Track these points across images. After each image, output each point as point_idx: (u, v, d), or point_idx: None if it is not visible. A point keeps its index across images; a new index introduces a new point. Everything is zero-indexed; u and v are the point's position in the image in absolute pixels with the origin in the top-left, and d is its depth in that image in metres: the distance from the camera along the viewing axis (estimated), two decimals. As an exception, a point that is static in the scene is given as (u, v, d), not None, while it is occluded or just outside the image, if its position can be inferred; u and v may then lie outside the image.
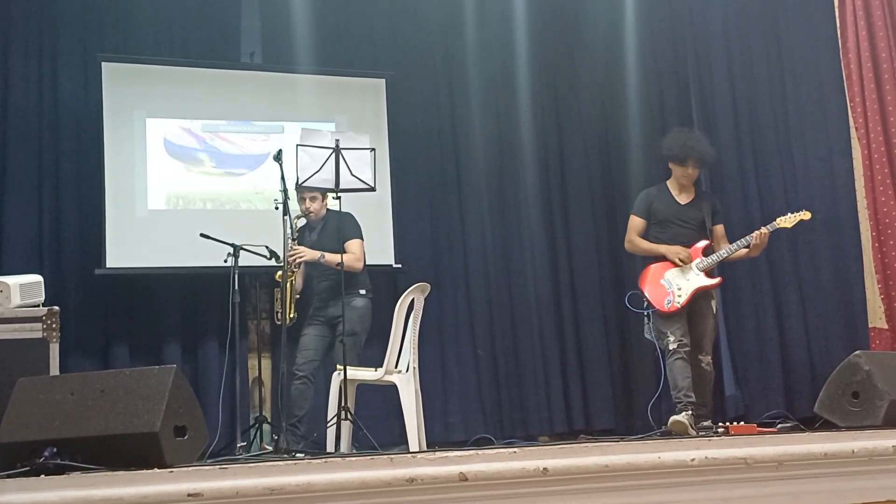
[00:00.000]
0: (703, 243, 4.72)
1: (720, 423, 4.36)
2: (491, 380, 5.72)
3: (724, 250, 4.68)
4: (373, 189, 4.41)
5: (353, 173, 4.29)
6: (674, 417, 4.37)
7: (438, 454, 2.20)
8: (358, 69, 5.81)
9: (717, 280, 4.71)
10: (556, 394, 5.76)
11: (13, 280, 3.77)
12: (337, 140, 4.30)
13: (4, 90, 5.15)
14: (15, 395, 2.46)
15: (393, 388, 4.41)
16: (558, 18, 6.15)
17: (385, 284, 5.58)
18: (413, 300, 4.49)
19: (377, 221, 5.47)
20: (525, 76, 6.02)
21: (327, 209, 4.71)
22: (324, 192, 4.61)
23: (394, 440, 4.98)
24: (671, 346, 4.53)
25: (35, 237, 5.09)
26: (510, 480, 2.20)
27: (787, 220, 4.73)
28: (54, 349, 3.61)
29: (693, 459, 2.33)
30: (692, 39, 6.18)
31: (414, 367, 4.44)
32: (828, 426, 3.06)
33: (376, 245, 5.27)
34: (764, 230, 4.64)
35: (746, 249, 4.67)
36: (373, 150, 4.38)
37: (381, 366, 4.40)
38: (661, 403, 5.00)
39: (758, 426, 4.06)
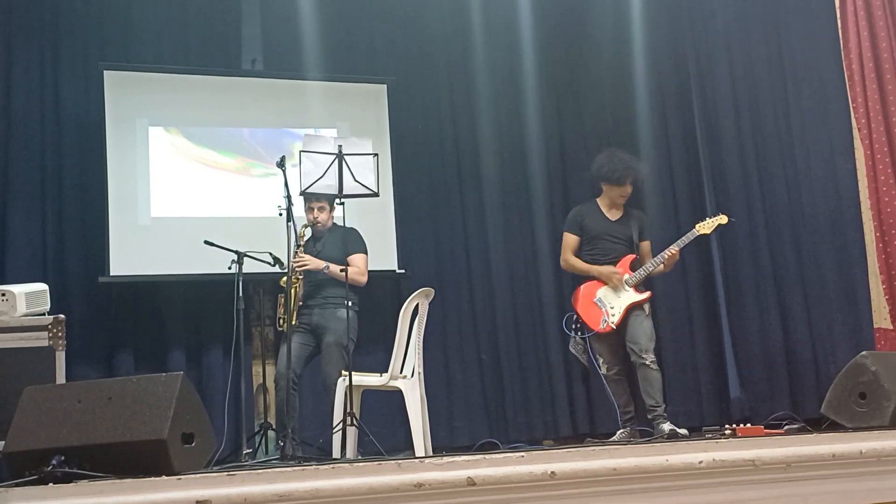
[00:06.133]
0: (629, 258, 4.74)
1: (727, 426, 4.35)
2: (495, 384, 5.71)
3: (650, 264, 4.70)
4: (376, 194, 4.41)
5: (357, 179, 4.30)
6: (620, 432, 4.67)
7: (446, 459, 2.19)
8: (359, 75, 5.82)
9: (646, 295, 4.69)
10: (560, 398, 5.76)
11: (19, 289, 3.77)
12: (340, 146, 4.31)
13: (7, 99, 5.16)
14: (22, 403, 2.46)
15: (398, 394, 4.41)
16: (560, 24, 6.15)
17: (389, 290, 5.59)
18: (417, 305, 4.49)
19: (380, 227, 5.47)
20: (527, 81, 6.02)
21: (334, 223, 4.73)
22: (331, 201, 4.63)
23: (399, 446, 4.97)
24: (602, 371, 4.71)
25: (39, 246, 5.09)
26: (518, 484, 2.20)
27: (706, 226, 4.73)
28: (60, 357, 3.62)
29: (701, 462, 2.32)
30: (693, 42, 6.20)
31: (419, 373, 4.44)
32: (835, 427, 3.05)
33: (379, 250, 5.27)
34: (674, 249, 4.66)
35: (662, 265, 4.71)
36: (376, 155, 4.39)
37: (386, 371, 4.40)
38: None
39: (765, 428, 4.04)
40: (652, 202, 5.77)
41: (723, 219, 4.77)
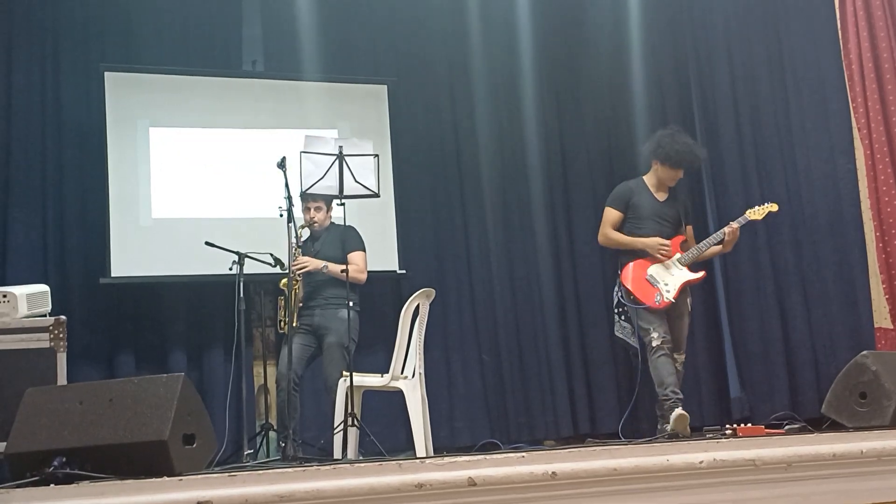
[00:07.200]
0: (679, 238, 4.64)
1: (727, 426, 4.35)
2: (496, 385, 5.72)
3: (703, 244, 4.60)
4: (377, 195, 4.42)
5: (357, 180, 4.31)
6: (676, 412, 4.27)
7: (447, 459, 2.20)
8: (359, 76, 5.82)
9: (702, 274, 4.63)
10: (561, 398, 5.76)
11: (20, 290, 3.78)
12: (340, 147, 4.32)
13: (7, 100, 5.17)
14: (23, 404, 2.46)
15: (398, 394, 4.41)
16: (560, 24, 6.16)
17: (389, 290, 5.59)
18: (418, 306, 4.49)
19: (381, 227, 5.48)
20: (527, 81, 6.03)
21: (331, 221, 4.74)
22: (328, 201, 4.64)
23: (400, 446, 4.98)
24: (654, 343, 4.42)
25: (39, 247, 5.10)
26: (519, 485, 2.20)
27: (756, 213, 4.66)
28: (62, 359, 3.62)
29: (702, 462, 2.32)
30: (693, 42, 6.20)
31: (420, 373, 4.44)
32: (835, 427, 3.06)
33: (380, 251, 5.28)
34: (734, 225, 4.58)
35: (719, 246, 4.62)
36: (376, 156, 4.40)
37: (387, 372, 4.40)
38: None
39: (765, 428, 4.05)
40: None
41: (773, 206, 4.69)
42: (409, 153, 5.81)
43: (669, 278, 4.53)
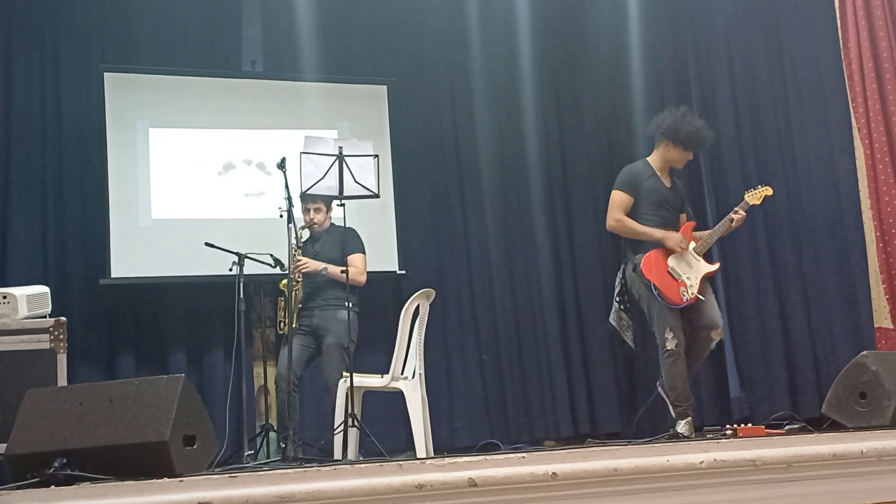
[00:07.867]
0: (689, 224, 4.50)
1: (727, 426, 4.35)
2: (496, 385, 5.72)
3: (714, 232, 4.48)
4: (377, 196, 4.42)
5: (357, 180, 4.31)
6: (684, 422, 4.24)
7: (447, 460, 2.20)
8: (359, 76, 5.82)
9: (717, 265, 4.58)
10: (561, 398, 5.76)
11: (20, 291, 3.78)
12: (340, 147, 4.32)
13: (7, 100, 5.17)
14: (24, 406, 2.46)
15: (399, 395, 4.41)
16: (559, 24, 6.16)
17: (389, 291, 5.59)
18: (418, 306, 4.49)
19: (380, 228, 5.48)
20: (527, 81, 6.03)
21: (331, 223, 4.74)
22: (328, 202, 4.64)
23: (400, 447, 4.98)
24: (669, 346, 4.26)
25: (39, 248, 5.10)
26: (519, 485, 2.20)
27: (754, 196, 4.49)
28: (62, 360, 3.62)
29: (702, 462, 2.32)
30: (693, 41, 6.20)
31: (420, 374, 4.44)
32: (836, 427, 3.06)
33: (380, 252, 5.28)
34: (742, 212, 4.42)
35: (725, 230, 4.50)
36: (376, 156, 4.40)
37: (387, 372, 4.40)
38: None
39: (766, 428, 4.05)
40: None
41: (768, 190, 4.53)
42: (408, 153, 5.81)
43: (690, 271, 4.37)
